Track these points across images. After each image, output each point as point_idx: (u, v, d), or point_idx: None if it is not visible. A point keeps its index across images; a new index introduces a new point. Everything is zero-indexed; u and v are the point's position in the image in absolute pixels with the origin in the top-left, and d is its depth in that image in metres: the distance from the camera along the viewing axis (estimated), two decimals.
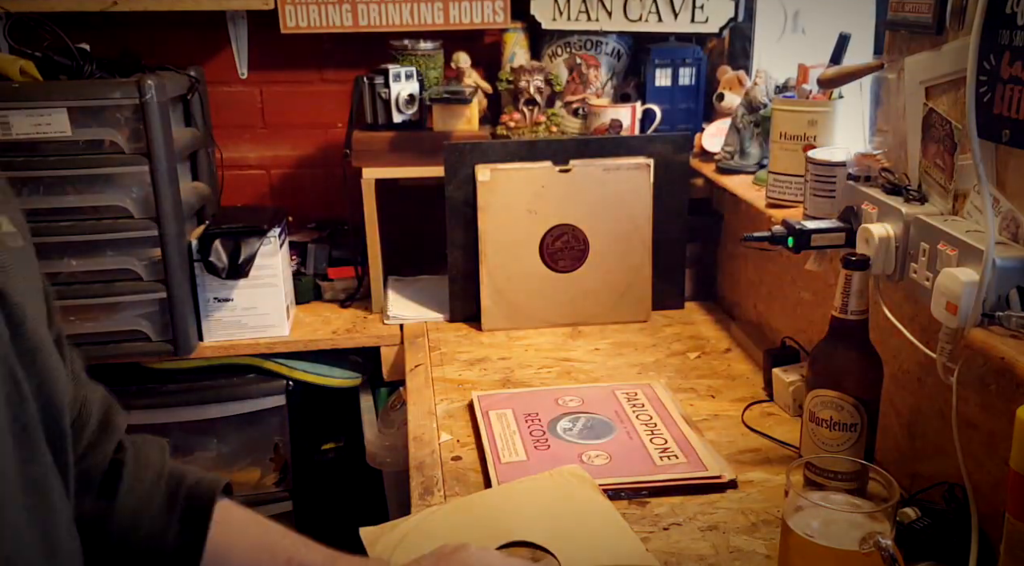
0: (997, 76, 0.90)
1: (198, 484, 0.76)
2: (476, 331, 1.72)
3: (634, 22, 1.85)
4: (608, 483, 1.15)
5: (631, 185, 1.68)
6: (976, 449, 0.99)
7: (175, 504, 0.75)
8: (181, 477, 0.77)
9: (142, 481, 0.75)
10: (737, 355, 1.60)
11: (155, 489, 0.75)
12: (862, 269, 1.03)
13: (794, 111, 1.37)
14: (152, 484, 0.75)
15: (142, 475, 0.75)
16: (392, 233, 1.93)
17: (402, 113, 1.79)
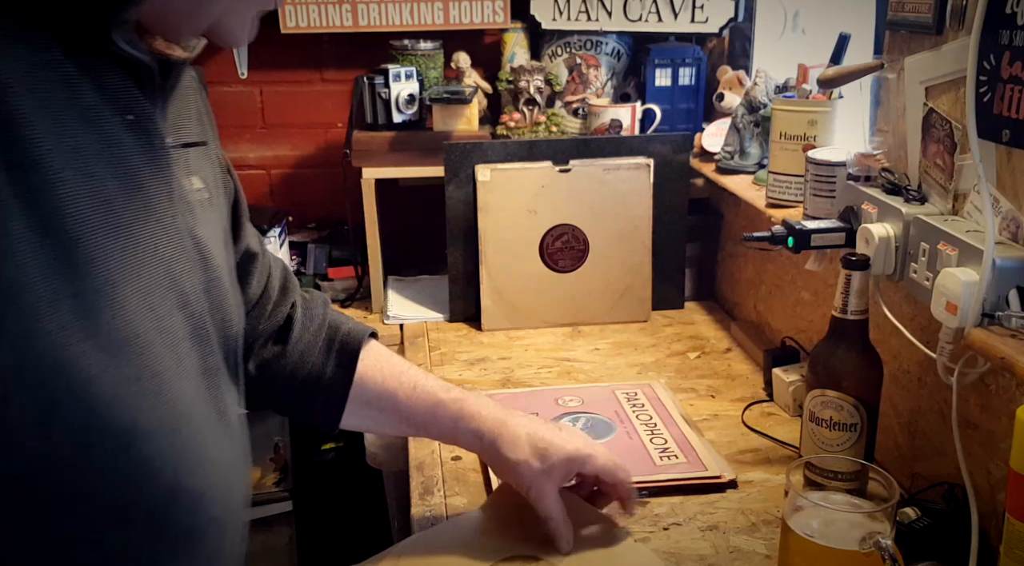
0: (997, 76, 0.90)
1: (350, 332, 0.99)
2: (476, 331, 1.72)
3: (634, 22, 1.85)
4: None
5: (631, 185, 1.68)
6: (976, 449, 0.99)
7: (332, 347, 0.97)
8: (337, 326, 0.99)
9: (308, 330, 0.98)
10: (737, 355, 1.60)
11: (318, 336, 0.97)
12: (862, 269, 1.03)
13: (794, 111, 1.37)
14: (316, 332, 0.98)
15: (308, 325, 0.98)
16: (392, 233, 1.93)
17: (402, 113, 1.79)
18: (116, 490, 0.60)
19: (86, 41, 0.58)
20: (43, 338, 0.54)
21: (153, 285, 0.62)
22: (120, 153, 0.60)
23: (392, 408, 0.98)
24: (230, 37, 0.67)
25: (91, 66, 0.58)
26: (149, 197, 0.63)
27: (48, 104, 0.55)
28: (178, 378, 0.64)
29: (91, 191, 0.57)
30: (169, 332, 0.64)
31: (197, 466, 0.66)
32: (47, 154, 0.54)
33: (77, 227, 0.56)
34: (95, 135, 0.58)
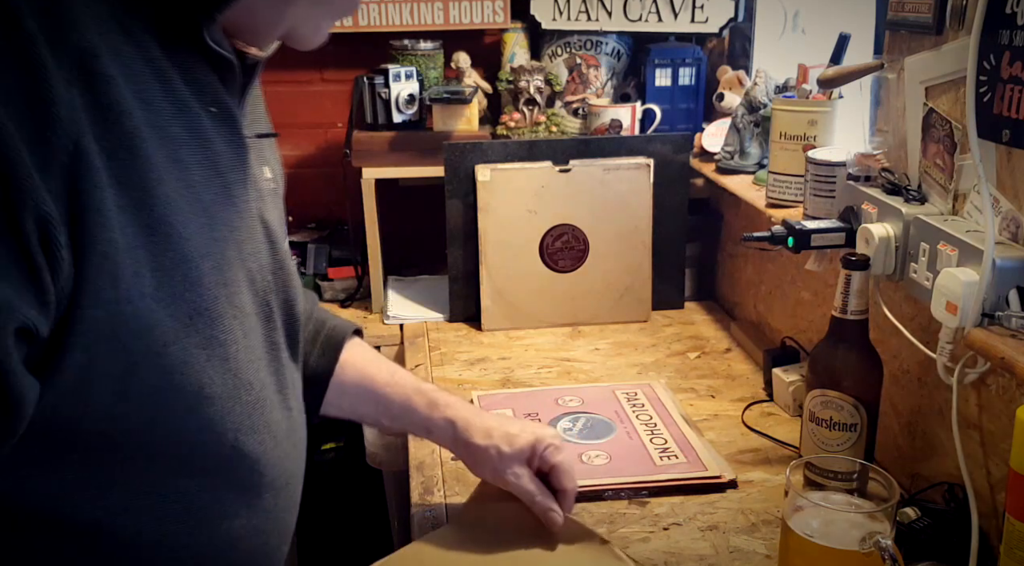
0: (997, 76, 0.90)
1: (335, 327, 1.03)
2: (476, 331, 1.72)
3: (634, 22, 1.85)
4: (608, 483, 1.15)
5: (631, 185, 1.68)
6: (976, 449, 0.99)
7: (317, 341, 1.01)
8: (323, 322, 1.03)
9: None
10: (737, 355, 1.60)
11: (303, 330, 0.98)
12: (862, 269, 1.03)
13: (794, 111, 1.37)
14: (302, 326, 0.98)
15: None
16: (392, 233, 1.93)
17: (402, 113, 1.79)
18: (183, 447, 0.65)
19: (180, 38, 0.63)
20: (129, 304, 0.58)
21: (227, 263, 0.67)
22: (205, 141, 0.65)
23: (370, 397, 1.03)
24: (304, 41, 0.72)
25: (183, 61, 0.63)
26: (228, 183, 0.68)
27: (145, 95, 0.59)
28: (244, 349, 0.69)
29: (178, 175, 0.62)
30: (239, 306, 0.68)
31: (255, 432, 0.71)
32: (142, 140, 0.58)
33: (163, 206, 0.60)
34: (184, 124, 0.63)
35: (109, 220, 0.56)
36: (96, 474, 0.62)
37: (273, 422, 0.74)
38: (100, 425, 0.60)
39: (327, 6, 0.70)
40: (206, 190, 0.65)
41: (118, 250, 0.57)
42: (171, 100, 0.62)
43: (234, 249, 0.68)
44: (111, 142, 0.56)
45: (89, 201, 0.55)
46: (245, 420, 0.69)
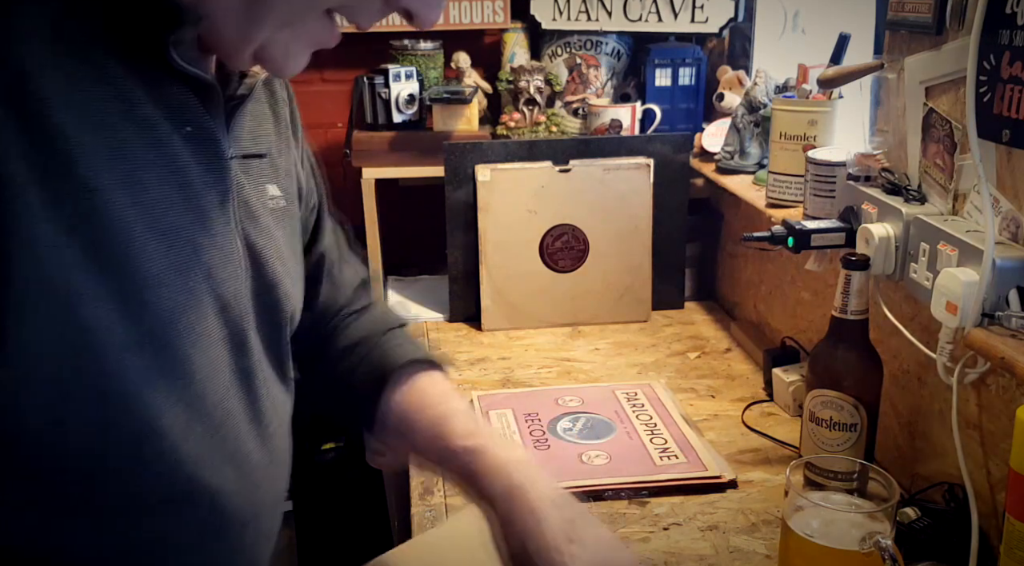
0: (997, 76, 0.90)
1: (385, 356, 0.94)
2: (476, 331, 1.72)
3: (634, 22, 1.85)
4: (608, 483, 1.15)
5: (631, 185, 1.68)
6: (976, 449, 0.99)
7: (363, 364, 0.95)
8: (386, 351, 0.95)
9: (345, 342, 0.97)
10: (737, 355, 1.60)
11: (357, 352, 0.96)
12: (862, 269, 1.03)
13: (794, 111, 1.37)
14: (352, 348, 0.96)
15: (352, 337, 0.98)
16: (392, 233, 1.93)
17: (402, 113, 1.79)
18: (134, 482, 0.62)
19: (147, 59, 0.60)
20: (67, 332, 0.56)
21: (187, 289, 0.64)
22: (174, 163, 0.63)
23: (410, 446, 0.93)
24: (274, 66, 0.67)
25: (152, 80, 0.61)
26: (201, 205, 0.65)
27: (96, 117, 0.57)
28: (204, 379, 0.66)
29: (134, 198, 0.59)
30: (200, 333, 0.65)
31: (216, 464, 0.67)
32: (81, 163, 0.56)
33: (108, 231, 0.58)
34: (148, 145, 0.61)
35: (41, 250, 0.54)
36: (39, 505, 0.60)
37: (240, 453, 0.70)
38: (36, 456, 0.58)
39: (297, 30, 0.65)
40: (170, 213, 0.62)
41: (52, 279, 0.55)
42: (133, 120, 0.60)
43: (200, 274, 0.65)
44: (43, 167, 0.54)
45: (17, 231, 0.53)
46: (203, 453, 0.66)
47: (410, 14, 0.65)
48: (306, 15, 0.64)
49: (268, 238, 0.75)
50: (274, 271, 0.76)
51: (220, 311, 0.68)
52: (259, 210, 0.74)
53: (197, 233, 0.65)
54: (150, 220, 0.61)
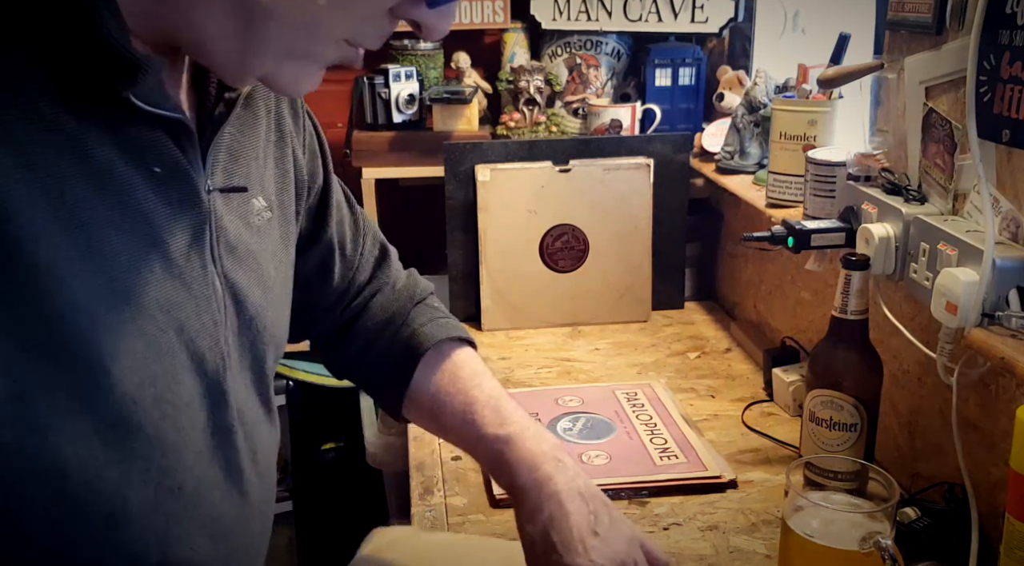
0: (997, 76, 0.90)
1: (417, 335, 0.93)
2: (476, 331, 1.72)
3: (634, 22, 1.85)
4: (608, 483, 1.15)
5: (631, 185, 1.68)
6: (976, 449, 0.99)
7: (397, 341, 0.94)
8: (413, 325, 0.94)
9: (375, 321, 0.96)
10: (737, 355, 1.60)
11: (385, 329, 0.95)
12: (862, 269, 1.03)
13: (794, 111, 1.37)
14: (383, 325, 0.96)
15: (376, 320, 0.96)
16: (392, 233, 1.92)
17: (402, 113, 1.79)
18: None
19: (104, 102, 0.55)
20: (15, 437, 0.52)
21: (159, 355, 0.60)
22: (136, 212, 0.58)
23: (441, 429, 0.93)
24: (283, 91, 0.65)
25: (110, 124, 0.56)
26: (169, 255, 0.61)
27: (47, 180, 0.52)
28: (175, 449, 0.62)
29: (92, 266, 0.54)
30: (172, 402, 0.61)
31: (186, 538, 0.64)
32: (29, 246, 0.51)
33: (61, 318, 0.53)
34: (105, 200, 0.55)
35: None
36: None
37: (213, 519, 0.66)
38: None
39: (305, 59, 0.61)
40: (133, 274, 0.57)
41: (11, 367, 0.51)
42: (86, 173, 0.54)
43: (172, 333, 0.61)
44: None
45: None
46: (172, 530, 0.62)
47: (418, 25, 0.62)
48: (312, 45, 0.60)
49: (248, 267, 0.70)
50: (255, 303, 0.71)
51: (195, 368, 0.63)
52: (239, 237, 0.69)
53: (168, 289, 0.60)
54: (111, 289, 0.55)
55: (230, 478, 0.68)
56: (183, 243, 0.62)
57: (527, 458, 0.84)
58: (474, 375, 0.92)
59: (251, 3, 0.56)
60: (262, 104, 0.75)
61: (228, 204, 0.68)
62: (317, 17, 0.58)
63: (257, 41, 0.58)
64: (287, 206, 0.81)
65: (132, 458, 0.58)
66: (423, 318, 0.96)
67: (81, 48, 0.53)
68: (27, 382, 0.52)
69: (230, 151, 0.70)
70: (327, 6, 0.57)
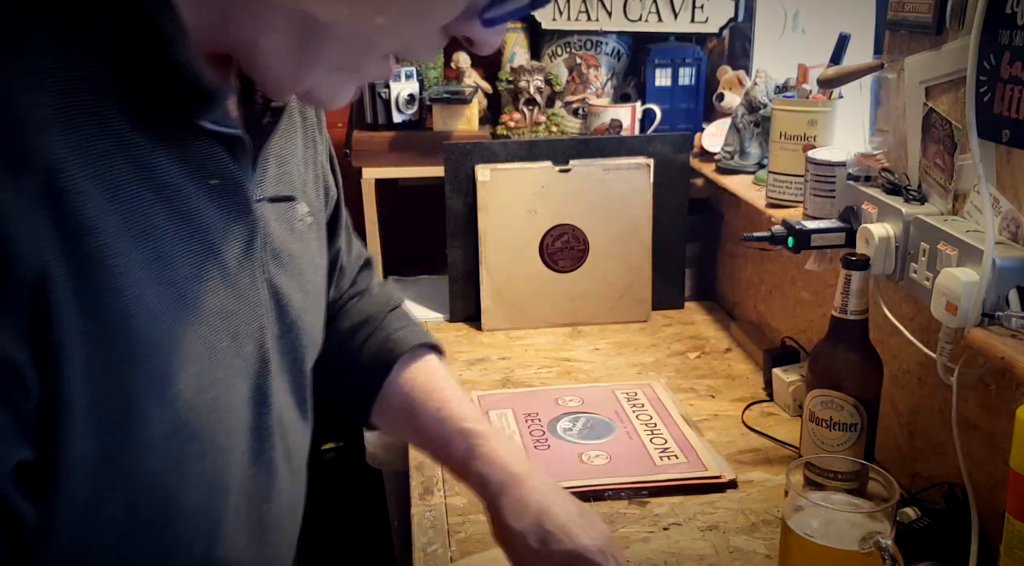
0: (997, 76, 0.90)
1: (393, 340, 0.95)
2: (476, 331, 1.72)
3: (634, 22, 1.85)
4: (608, 483, 1.15)
5: (631, 185, 1.68)
6: (976, 449, 0.99)
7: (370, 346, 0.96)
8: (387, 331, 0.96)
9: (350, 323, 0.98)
10: (737, 355, 1.60)
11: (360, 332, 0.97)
12: (862, 269, 1.03)
13: (794, 111, 1.37)
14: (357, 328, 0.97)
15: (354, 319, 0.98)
16: (392, 233, 1.93)
17: (402, 113, 1.79)
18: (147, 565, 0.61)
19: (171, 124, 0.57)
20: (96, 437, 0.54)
21: (216, 361, 0.62)
22: (196, 223, 0.59)
23: (411, 427, 0.94)
24: (319, 102, 0.66)
25: (173, 138, 0.58)
26: (224, 263, 0.62)
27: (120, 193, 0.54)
28: (224, 451, 0.64)
29: (160, 276, 0.56)
30: (225, 407, 0.63)
31: (227, 537, 0.66)
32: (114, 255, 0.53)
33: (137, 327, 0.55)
34: (169, 212, 0.57)
35: (73, 356, 0.51)
36: None
37: (252, 518, 0.69)
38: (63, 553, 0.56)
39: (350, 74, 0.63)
40: (195, 283, 0.59)
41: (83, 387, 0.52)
42: (153, 187, 0.56)
43: (227, 341, 0.63)
44: (78, 266, 0.51)
45: (53, 339, 0.50)
46: (216, 529, 0.65)
47: (471, 40, 0.62)
48: (360, 59, 0.61)
49: (290, 272, 0.72)
50: (296, 307, 0.73)
51: (244, 370, 0.66)
52: (284, 243, 0.71)
53: (223, 296, 0.62)
54: (177, 297, 0.58)
55: (268, 479, 0.71)
56: (237, 251, 0.64)
57: (502, 455, 0.87)
58: (447, 378, 0.96)
59: (310, 20, 0.57)
60: (296, 112, 0.76)
61: (275, 211, 0.70)
62: (372, 33, 0.59)
63: (311, 56, 0.59)
64: (320, 212, 0.83)
65: (188, 461, 0.60)
66: (398, 323, 0.98)
67: (156, 76, 0.55)
68: (105, 390, 0.53)
69: (277, 159, 0.71)
70: (384, 24, 0.58)
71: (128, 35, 0.53)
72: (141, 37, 0.53)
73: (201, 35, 0.57)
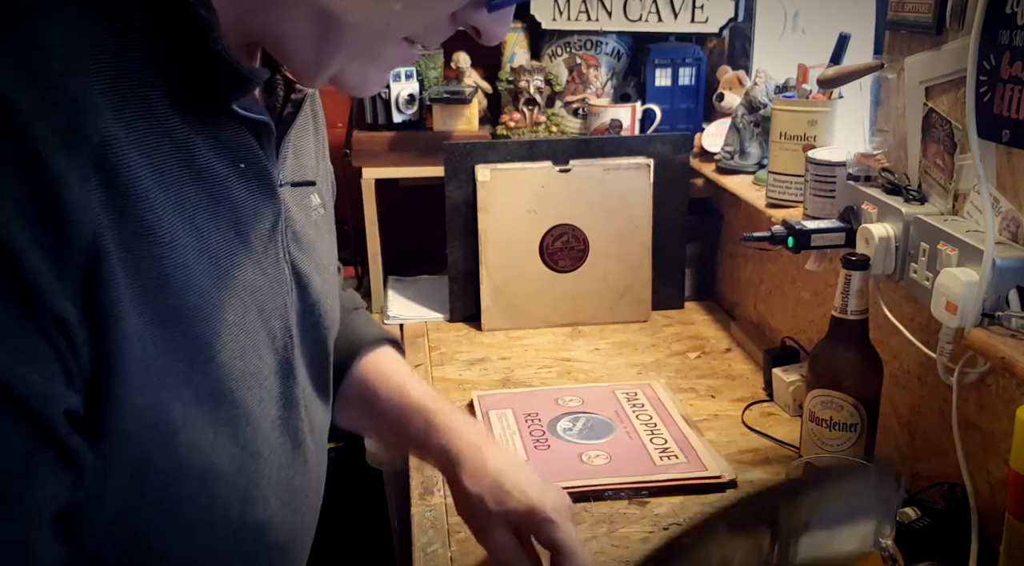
0: (997, 76, 0.90)
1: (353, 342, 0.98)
2: (476, 331, 1.72)
3: (634, 22, 1.85)
4: (608, 483, 1.15)
5: (631, 185, 1.68)
6: (976, 449, 0.99)
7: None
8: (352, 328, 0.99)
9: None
10: (737, 355, 1.60)
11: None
12: (862, 269, 1.03)
13: (794, 111, 1.37)
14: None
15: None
16: (392, 233, 1.93)
17: (402, 113, 1.79)
18: (183, 528, 0.63)
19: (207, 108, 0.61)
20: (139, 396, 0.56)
21: (244, 332, 0.65)
22: (227, 203, 0.63)
23: (368, 410, 0.97)
24: (350, 89, 0.69)
25: (209, 122, 0.61)
26: (251, 242, 0.66)
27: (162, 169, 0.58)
28: (256, 418, 0.67)
29: (197, 247, 0.60)
30: (254, 374, 0.66)
31: (261, 500, 0.68)
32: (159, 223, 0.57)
33: (180, 293, 0.58)
34: (204, 190, 0.61)
35: (123, 316, 0.54)
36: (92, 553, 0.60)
37: (283, 484, 0.72)
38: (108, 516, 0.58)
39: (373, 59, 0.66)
40: (226, 257, 0.63)
41: (132, 345, 0.55)
42: (190, 167, 0.60)
43: (255, 312, 0.67)
44: (127, 232, 0.55)
45: (104, 298, 0.53)
46: (252, 490, 0.67)
47: (478, 31, 0.66)
48: (380, 45, 0.65)
49: (310, 256, 0.76)
50: (316, 290, 0.77)
51: (271, 344, 0.69)
52: (303, 229, 0.75)
53: (250, 272, 0.66)
54: (213, 269, 0.61)
55: (296, 448, 0.74)
56: (262, 232, 0.68)
57: (459, 427, 0.91)
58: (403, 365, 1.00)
59: (330, 9, 0.61)
60: (307, 107, 0.80)
61: (294, 198, 0.74)
62: (388, 20, 0.63)
63: (333, 43, 0.63)
64: (330, 205, 0.86)
65: (222, 424, 0.63)
66: (361, 321, 1.02)
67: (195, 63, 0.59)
68: (154, 351, 0.57)
69: (295, 150, 0.75)
70: (399, 11, 0.62)
71: (169, 24, 0.57)
72: (181, 26, 0.57)
73: (231, 24, 0.60)
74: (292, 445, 0.73)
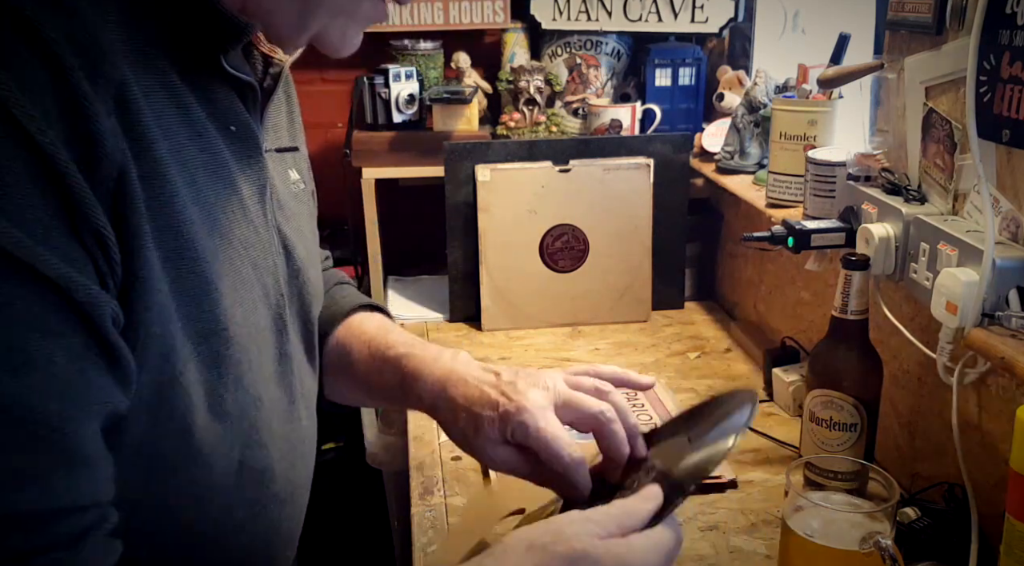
0: (997, 76, 0.90)
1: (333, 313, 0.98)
2: (476, 331, 1.72)
3: (634, 22, 1.85)
4: None
5: (631, 185, 1.68)
6: (976, 449, 0.99)
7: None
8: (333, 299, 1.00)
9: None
10: (737, 355, 1.60)
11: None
12: (862, 269, 1.03)
13: (794, 111, 1.37)
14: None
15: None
16: (392, 233, 1.93)
17: (402, 113, 1.79)
18: (188, 469, 0.65)
19: (198, 64, 0.65)
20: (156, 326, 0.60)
21: (242, 282, 0.69)
22: (220, 161, 0.67)
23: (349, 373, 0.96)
24: (331, 49, 0.73)
25: (200, 83, 0.65)
26: (243, 200, 0.70)
27: (163, 122, 0.61)
28: (256, 367, 0.70)
29: (195, 197, 0.63)
30: (253, 324, 0.70)
31: (262, 445, 0.72)
32: (167, 166, 0.61)
33: (187, 232, 0.62)
34: (200, 147, 0.65)
35: (145, 245, 0.58)
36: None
37: (279, 435, 0.75)
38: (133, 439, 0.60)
39: (353, 15, 0.71)
40: (221, 211, 0.66)
41: (152, 275, 0.59)
42: (187, 123, 0.64)
43: (249, 267, 0.70)
44: (143, 169, 0.58)
45: (131, 225, 0.57)
46: (253, 435, 0.70)
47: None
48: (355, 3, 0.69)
49: (294, 225, 0.79)
50: (300, 257, 0.80)
51: (265, 300, 0.72)
52: (286, 198, 0.78)
53: (243, 228, 0.69)
54: (210, 220, 0.65)
55: (291, 403, 0.77)
56: (252, 192, 0.71)
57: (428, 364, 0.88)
58: (385, 323, 0.99)
59: None
60: (281, 89, 0.82)
61: (276, 168, 0.78)
62: None
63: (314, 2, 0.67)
64: (310, 184, 0.89)
65: (228, 364, 0.67)
66: (343, 292, 1.03)
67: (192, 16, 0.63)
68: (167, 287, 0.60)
69: (273, 124, 0.79)
70: None
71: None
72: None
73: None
74: (288, 400, 0.77)
